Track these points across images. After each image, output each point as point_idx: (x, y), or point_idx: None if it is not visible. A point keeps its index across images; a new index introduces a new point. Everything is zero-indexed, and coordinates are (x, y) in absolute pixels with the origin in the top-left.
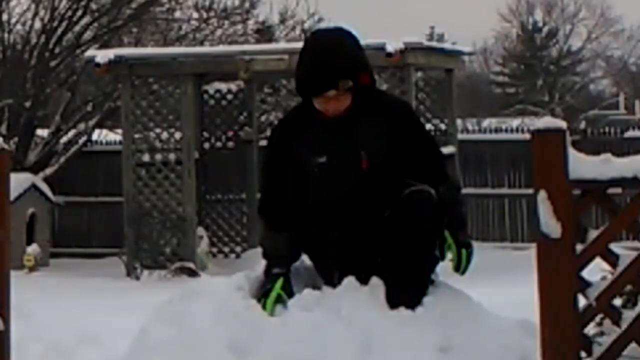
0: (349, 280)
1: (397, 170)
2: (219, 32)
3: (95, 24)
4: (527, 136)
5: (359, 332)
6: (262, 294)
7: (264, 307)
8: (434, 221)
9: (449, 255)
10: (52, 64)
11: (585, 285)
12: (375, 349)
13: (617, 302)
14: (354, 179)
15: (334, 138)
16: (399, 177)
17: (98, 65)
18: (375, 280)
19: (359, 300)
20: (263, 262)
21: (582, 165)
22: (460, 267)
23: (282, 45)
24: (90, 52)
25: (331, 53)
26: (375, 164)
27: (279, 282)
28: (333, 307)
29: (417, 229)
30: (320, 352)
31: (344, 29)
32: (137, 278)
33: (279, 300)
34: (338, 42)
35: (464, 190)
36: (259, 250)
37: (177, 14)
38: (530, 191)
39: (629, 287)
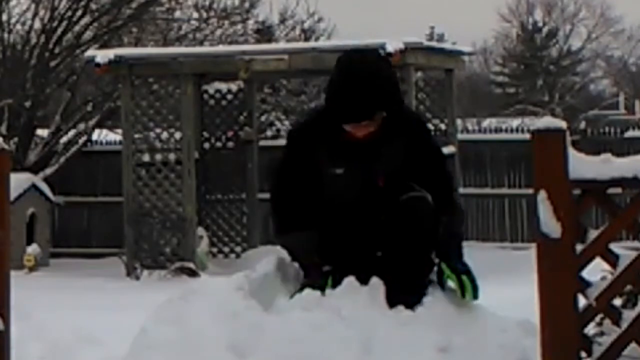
0: (349, 281)
1: (409, 183)
2: (219, 32)
3: (95, 24)
4: (527, 136)
5: (359, 332)
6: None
7: None
8: (431, 222)
9: (451, 284)
10: (52, 64)
11: (585, 285)
12: (375, 349)
13: (617, 302)
14: (370, 194)
15: (354, 152)
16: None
17: (98, 65)
18: (375, 281)
19: (359, 301)
20: (287, 256)
21: (582, 165)
22: (465, 292)
23: (282, 45)
24: (90, 52)
25: (369, 85)
26: (392, 181)
27: (330, 280)
28: (333, 307)
29: (416, 229)
30: (320, 352)
31: (379, 55)
32: (137, 278)
33: None
34: (375, 73)
35: (464, 190)
36: (260, 250)
37: (177, 14)
38: (530, 191)
39: (629, 287)
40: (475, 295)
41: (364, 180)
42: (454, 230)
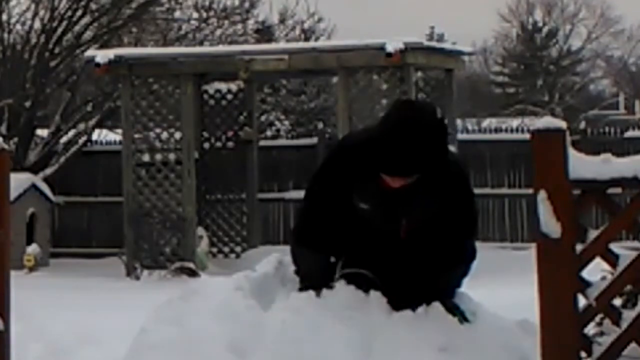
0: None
1: (432, 240)
2: (219, 32)
3: (95, 24)
4: (527, 136)
5: (359, 332)
6: None
7: None
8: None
9: None
10: (52, 64)
11: (585, 285)
12: (375, 349)
13: (617, 302)
14: (388, 241)
15: (385, 194)
16: (431, 248)
17: (98, 65)
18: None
19: (359, 301)
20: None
21: (582, 165)
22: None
23: (282, 45)
24: (90, 52)
25: (416, 148)
26: (415, 236)
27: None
28: (333, 308)
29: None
30: (320, 352)
31: (434, 113)
32: (137, 278)
33: None
34: (426, 136)
35: None
36: (260, 250)
37: (177, 14)
38: (530, 191)
39: (629, 287)
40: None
41: (387, 225)
42: (457, 280)
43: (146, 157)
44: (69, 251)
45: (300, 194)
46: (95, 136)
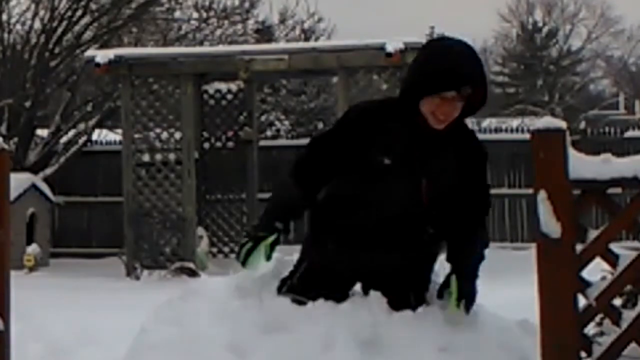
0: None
1: (450, 210)
2: (219, 32)
3: (95, 24)
4: (527, 136)
5: (359, 332)
6: (251, 238)
7: (241, 254)
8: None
9: (447, 298)
10: (52, 64)
11: (585, 285)
12: (376, 348)
13: (617, 302)
14: (410, 204)
15: (411, 150)
16: (449, 219)
17: (98, 65)
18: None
19: (359, 301)
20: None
21: (582, 165)
22: (451, 311)
23: (282, 45)
24: (90, 52)
25: (464, 56)
26: (435, 202)
27: (272, 238)
28: (333, 307)
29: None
30: (320, 352)
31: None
32: (137, 278)
33: (259, 254)
34: (471, 49)
35: None
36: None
37: (177, 14)
38: (530, 191)
39: (629, 287)
40: (466, 308)
41: (408, 182)
42: (477, 252)
43: (146, 157)
44: (69, 251)
45: None
46: (95, 136)
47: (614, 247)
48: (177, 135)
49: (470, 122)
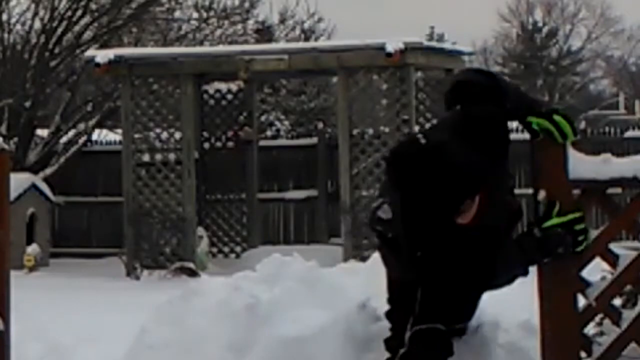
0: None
1: None
2: (219, 32)
3: (95, 24)
4: (527, 136)
5: (359, 332)
6: None
7: None
8: None
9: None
10: (52, 64)
11: (585, 285)
12: (376, 348)
13: (617, 302)
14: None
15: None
16: None
17: (98, 65)
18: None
19: (359, 301)
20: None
21: (582, 165)
22: (564, 130)
23: (282, 45)
24: (90, 52)
25: None
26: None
27: None
28: (334, 307)
29: None
30: (320, 351)
31: None
32: (137, 278)
33: None
34: None
35: None
36: (260, 250)
37: (177, 14)
38: (530, 191)
39: (629, 287)
40: (575, 133)
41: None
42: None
43: (146, 157)
44: (69, 251)
45: (300, 194)
46: (95, 136)
47: (614, 247)
48: (177, 135)
49: None
